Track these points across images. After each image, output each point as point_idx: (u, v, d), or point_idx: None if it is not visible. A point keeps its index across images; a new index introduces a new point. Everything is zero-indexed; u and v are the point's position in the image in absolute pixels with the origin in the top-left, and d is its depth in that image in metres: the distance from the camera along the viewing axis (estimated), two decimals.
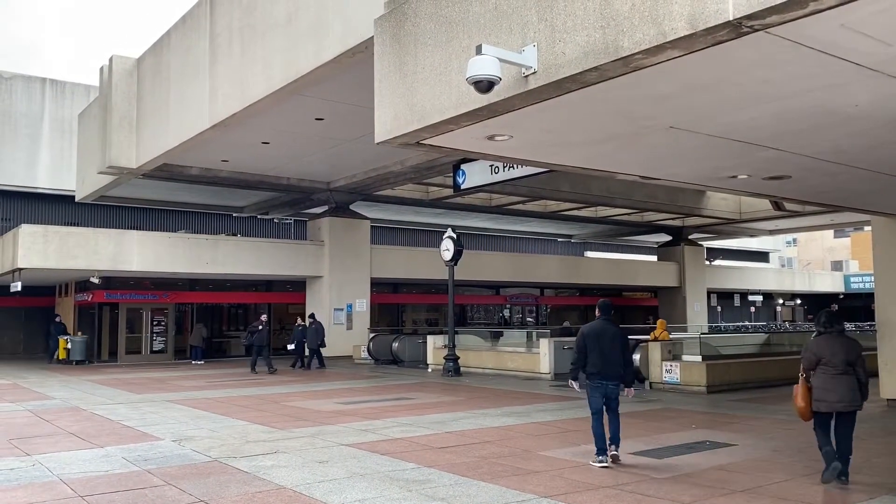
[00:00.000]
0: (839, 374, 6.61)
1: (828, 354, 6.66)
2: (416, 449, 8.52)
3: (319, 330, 21.61)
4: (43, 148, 29.96)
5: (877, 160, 7.66)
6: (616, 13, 4.78)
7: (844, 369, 6.60)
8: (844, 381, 6.58)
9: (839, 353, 6.64)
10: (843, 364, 6.61)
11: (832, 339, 6.76)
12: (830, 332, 6.81)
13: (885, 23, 4.20)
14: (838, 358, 6.62)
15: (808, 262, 62.30)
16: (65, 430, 10.14)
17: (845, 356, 6.63)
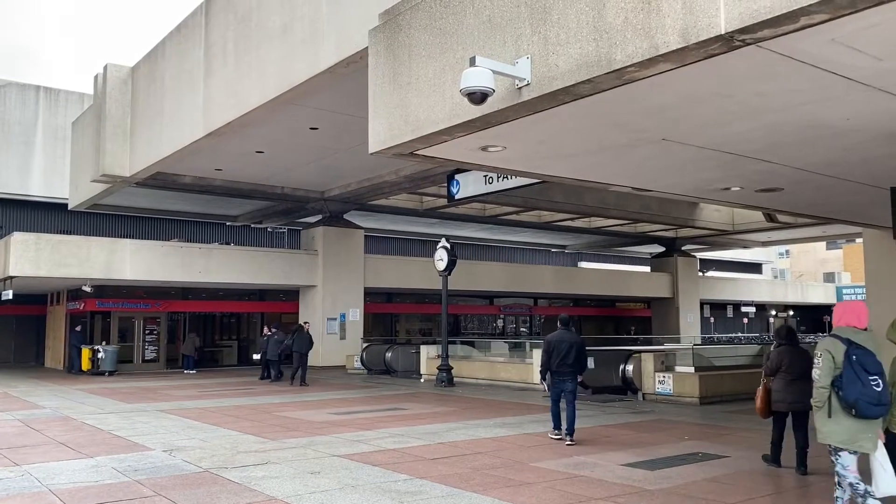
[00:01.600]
0: (795, 379, 7.54)
1: (787, 363, 7.64)
2: (408, 460, 8.48)
3: (282, 341, 20.91)
4: (36, 155, 29.88)
5: (868, 173, 7.71)
6: (609, 26, 4.80)
7: (799, 375, 7.39)
8: (799, 385, 7.38)
9: (796, 363, 7.59)
10: (799, 371, 7.47)
11: (791, 351, 7.73)
12: (789, 345, 7.79)
13: (875, 38, 4.23)
14: (795, 366, 7.55)
15: (801, 273, 62.53)
16: (54, 440, 10.06)
17: (801, 365, 7.46)
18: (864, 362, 4.98)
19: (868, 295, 12.98)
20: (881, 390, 4.95)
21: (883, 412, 5.05)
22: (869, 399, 4.93)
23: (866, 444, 5.07)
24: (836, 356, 5.07)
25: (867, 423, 5.04)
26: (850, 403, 4.97)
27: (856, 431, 5.06)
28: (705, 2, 4.28)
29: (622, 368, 15.47)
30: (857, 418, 5.01)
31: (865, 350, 5.03)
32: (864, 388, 4.93)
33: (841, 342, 5.10)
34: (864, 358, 5.00)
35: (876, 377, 4.97)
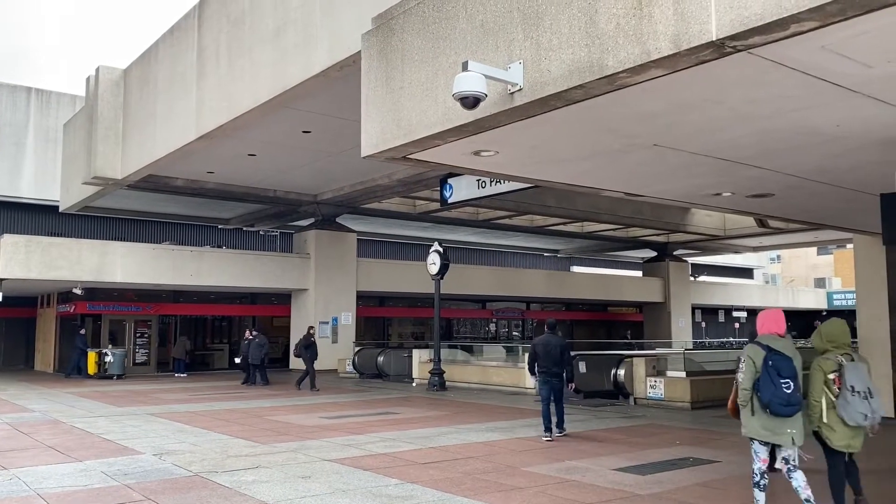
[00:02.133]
0: None
1: None
2: (399, 464, 8.46)
3: (263, 345, 20.72)
4: (27, 157, 29.74)
5: (858, 180, 7.75)
6: (601, 32, 4.82)
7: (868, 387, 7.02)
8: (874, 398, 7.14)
9: None
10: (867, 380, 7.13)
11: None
12: None
13: (864, 45, 4.26)
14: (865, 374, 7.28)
15: (792, 278, 62.79)
16: (43, 444, 10.00)
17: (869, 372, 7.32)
18: (778, 367, 5.50)
19: (858, 300, 13.04)
20: (791, 392, 5.48)
21: (793, 411, 5.54)
22: (780, 400, 5.48)
23: (785, 438, 5.62)
24: (756, 361, 5.60)
25: (782, 421, 5.59)
26: (764, 403, 5.54)
27: (774, 427, 5.63)
28: (697, 8, 4.30)
29: (614, 373, 15.49)
30: (774, 416, 5.56)
31: (782, 356, 5.55)
32: (776, 390, 5.48)
33: (761, 349, 5.63)
34: (780, 363, 5.51)
35: (787, 380, 5.49)
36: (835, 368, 5.70)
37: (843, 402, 5.58)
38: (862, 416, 5.57)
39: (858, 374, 5.66)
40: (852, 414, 5.55)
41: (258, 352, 20.35)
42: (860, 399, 5.57)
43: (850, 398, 5.57)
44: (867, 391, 5.62)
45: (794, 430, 5.62)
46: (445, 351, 20.78)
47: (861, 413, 5.56)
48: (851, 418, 5.56)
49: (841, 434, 5.69)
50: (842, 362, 5.70)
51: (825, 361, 5.77)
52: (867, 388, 5.64)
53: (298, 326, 26.27)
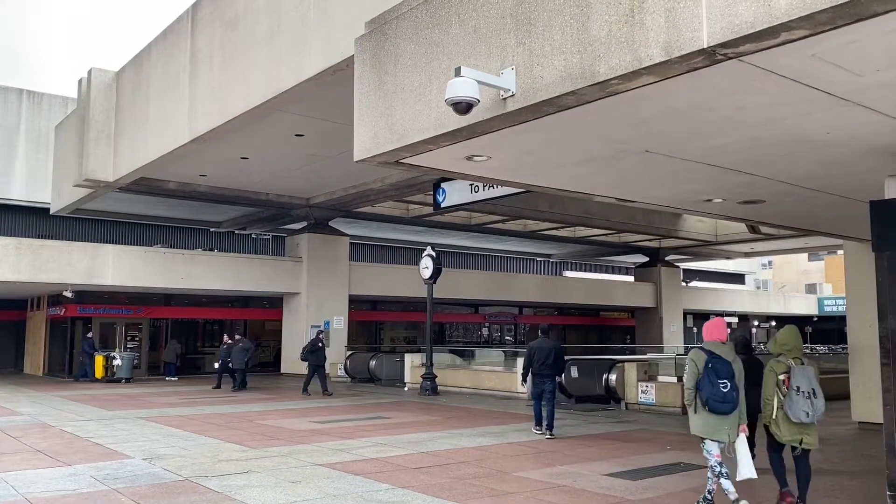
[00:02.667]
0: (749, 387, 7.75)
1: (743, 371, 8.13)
2: (390, 469, 8.45)
3: (248, 349, 20.41)
4: (18, 159, 29.60)
5: (849, 187, 7.79)
6: (593, 39, 4.84)
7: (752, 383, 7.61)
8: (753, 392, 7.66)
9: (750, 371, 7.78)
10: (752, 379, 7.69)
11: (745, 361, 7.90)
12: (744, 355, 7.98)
13: (855, 54, 4.29)
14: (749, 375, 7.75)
15: (783, 284, 63.03)
16: (32, 448, 9.93)
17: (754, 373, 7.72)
18: (717, 369, 6.25)
19: (848, 306, 13.11)
20: (727, 391, 6.19)
21: (728, 409, 6.23)
22: (717, 398, 6.20)
23: (722, 435, 6.28)
24: (698, 364, 6.34)
25: (722, 418, 6.25)
26: (703, 402, 6.25)
27: (714, 425, 6.30)
28: (688, 16, 4.32)
29: (605, 378, 15.51)
30: (713, 414, 6.25)
31: (722, 359, 6.31)
32: (714, 389, 6.20)
33: (704, 353, 6.37)
34: (719, 366, 6.26)
35: (724, 381, 6.22)
36: (785, 370, 6.37)
37: (789, 400, 6.28)
38: (804, 413, 6.25)
39: (805, 376, 6.31)
40: (796, 411, 6.25)
41: (241, 356, 20.03)
42: (804, 398, 6.24)
43: (794, 397, 6.25)
44: (811, 392, 6.27)
45: (729, 428, 6.27)
46: (438, 355, 20.76)
47: (803, 411, 6.24)
48: (795, 415, 6.26)
49: (786, 430, 6.39)
50: (791, 365, 6.37)
51: (777, 364, 6.47)
52: (812, 388, 6.28)
53: (291, 330, 26.22)
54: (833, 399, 16.24)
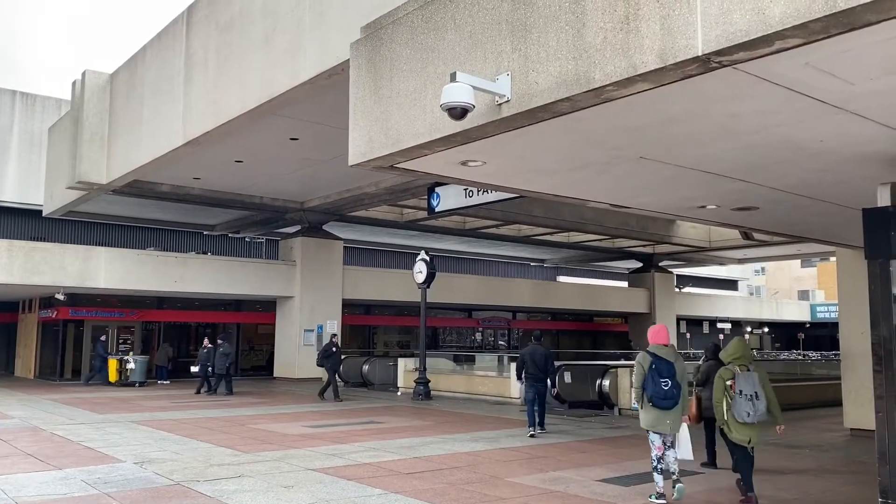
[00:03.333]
0: None
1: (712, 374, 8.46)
2: (383, 474, 8.42)
3: (229, 354, 19.97)
4: (11, 161, 29.48)
5: (842, 194, 7.83)
6: (588, 45, 4.85)
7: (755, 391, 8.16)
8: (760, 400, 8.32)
9: None
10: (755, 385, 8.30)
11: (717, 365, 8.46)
12: (714, 360, 8.88)
13: (848, 63, 4.31)
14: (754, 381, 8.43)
15: (776, 290, 63.25)
16: (22, 451, 9.87)
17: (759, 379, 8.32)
18: (659, 369, 7.12)
19: (841, 312, 13.16)
20: (668, 389, 7.08)
21: (669, 404, 7.12)
22: (659, 395, 7.09)
23: (664, 427, 7.21)
24: (644, 365, 7.20)
25: (664, 412, 7.16)
26: (648, 398, 7.16)
27: (657, 418, 7.21)
28: (683, 24, 4.33)
29: (599, 383, 15.51)
30: (656, 408, 7.15)
31: (664, 360, 7.18)
32: (656, 387, 7.09)
33: (649, 356, 7.24)
34: (661, 366, 7.14)
35: (666, 379, 7.09)
36: (731, 376, 7.12)
37: (735, 402, 7.02)
38: (746, 413, 6.97)
39: (748, 381, 7.07)
40: (739, 412, 6.97)
41: (223, 361, 19.68)
42: (746, 400, 6.99)
43: (738, 400, 7.00)
44: (754, 395, 7.03)
45: (671, 421, 7.21)
46: (431, 360, 20.74)
47: (745, 411, 6.97)
48: (738, 415, 6.98)
49: (736, 430, 7.09)
50: (736, 371, 7.13)
51: (725, 371, 7.22)
52: (754, 392, 7.04)
53: (284, 334, 26.17)
54: (825, 406, 16.35)
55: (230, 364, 20.09)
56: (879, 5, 3.58)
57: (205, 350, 20.67)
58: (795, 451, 10.76)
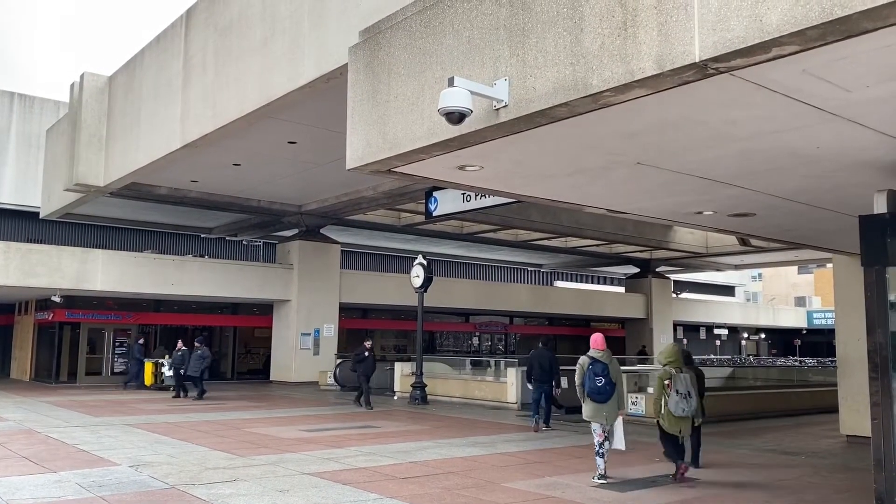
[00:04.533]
0: None
1: None
2: (378, 479, 8.41)
3: (205, 357, 19.76)
4: (8, 163, 29.45)
5: (838, 201, 7.85)
6: (586, 51, 4.86)
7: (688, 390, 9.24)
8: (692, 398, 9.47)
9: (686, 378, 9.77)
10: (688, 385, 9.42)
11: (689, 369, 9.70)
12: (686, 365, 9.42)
13: (844, 70, 4.33)
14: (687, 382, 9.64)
15: (773, 297, 63.33)
16: (17, 454, 9.84)
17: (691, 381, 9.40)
18: (595, 370, 8.52)
19: (837, 319, 13.17)
20: (601, 385, 8.46)
21: (604, 399, 8.49)
22: (594, 390, 8.49)
23: (601, 418, 8.55)
24: (584, 367, 8.65)
25: (600, 406, 8.53)
26: (587, 394, 8.55)
27: (595, 411, 8.57)
28: (680, 30, 4.35)
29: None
30: (593, 402, 8.54)
31: (599, 362, 8.58)
32: (592, 384, 8.50)
33: (587, 358, 8.64)
34: (596, 367, 8.55)
35: (600, 377, 8.48)
36: (668, 377, 8.44)
37: (671, 400, 8.34)
38: (681, 409, 8.36)
39: (682, 381, 8.43)
40: (674, 408, 8.34)
41: (198, 364, 19.48)
42: (681, 398, 8.35)
43: (674, 397, 8.33)
44: (687, 393, 8.40)
45: (607, 413, 8.55)
46: (428, 364, 20.71)
47: (680, 407, 8.35)
48: (674, 410, 8.34)
49: (670, 423, 8.48)
50: (672, 373, 8.45)
51: (663, 372, 8.55)
52: (687, 391, 8.41)
53: (280, 337, 26.13)
54: (822, 412, 16.37)
55: (205, 368, 19.73)
56: (876, 13, 3.60)
57: (179, 353, 20.25)
58: (792, 457, 10.76)
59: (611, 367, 8.57)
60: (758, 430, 13.84)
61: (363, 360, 18.08)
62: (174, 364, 20.19)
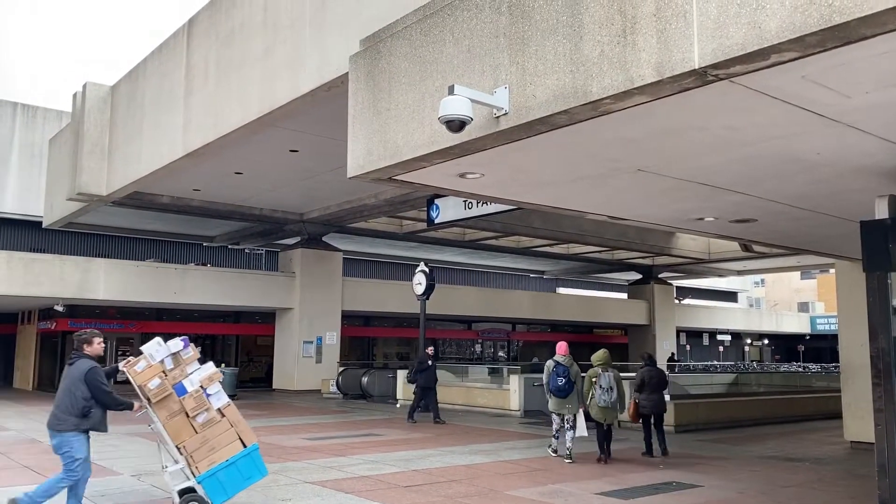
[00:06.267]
0: (654, 391, 11.38)
1: (647, 379, 11.42)
2: (381, 487, 8.39)
3: None
4: (11, 172, 29.53)
5: (839, 206, 7.84)
6: (585, 58, 4.87)
7: (656, 388, 11.40)
8: (657, 395, 11.40)
9: (654, 379, 11.48)
10: (656, 385, 11.42)
11: (650, 371, 11.54)
12: (650, 366, 11.62)
13: (843, 76, 4.34)
14: (654, 382, 11.42)
15: (776, 302, 63.18)
16: (18, 463, 9.83)
17: (658, 381, 11.50)
18: (557, 371, 10.58)
19: (840, 324, 13.14)
20: (562, 384, 10.49)
21: (563, 394, 10.53)
22: (555, 388, 10.56)
23: (564, 411, 10.68)
24: (549, 369, 10.70)
25: (562, 400, 10.61)
26: (550, 390, 10.61)
27: (558, 405, 10.68)
28: (680, 37, 4.36)
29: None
30: (555, 397, 10.61)
31: (562, 365, 10.62)
32: (554, 382, 10.56)
33: (553, 362, 10.71)
34: (558, 369, 10.59)
35: (561, 378, 10.51)
36: (595, 376, 10.59)
37: (597, 393, 10.46)
38: (604, 400, 10.42)
39: (606, 379, 10.53)
40: (598, 399, 10.44)
41: None
42: (604, 392, 10.44)
43: (598, 391, 10.46)
44: (609, 388, 10.47)
45: (569, 406, 10.61)
46: None
47: (603, 399, 10.42)
48: (598, 401, 10.44)
49: (596, 412, 10.54)
50: (599, 372, 10.59)
51: (592, 371, 10.67)
52: (609, 386, 10.48)
53: (283, 345, 26.12)
54: (826, 418, 16.30)
55: None
56: (874, 19, 3.60)
57: None
58: (796, 463, 10.71)
59: (571, 370, 10.59)
60: (761, 437, 13.79)
61: (426, 370, 16.40)
62: None
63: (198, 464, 6.47)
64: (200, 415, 6.62)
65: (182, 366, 6.81)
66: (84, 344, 6.79)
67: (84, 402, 6.45)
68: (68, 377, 6.58)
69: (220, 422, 6.74)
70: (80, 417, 6.43)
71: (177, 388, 6.66)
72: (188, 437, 6.53)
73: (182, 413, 6.62)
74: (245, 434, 6.83)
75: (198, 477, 6.43)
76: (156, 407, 6.62)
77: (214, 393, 6.80)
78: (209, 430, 6.62)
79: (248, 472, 6.68)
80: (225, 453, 6.58)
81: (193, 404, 6.63)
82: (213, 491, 6.44)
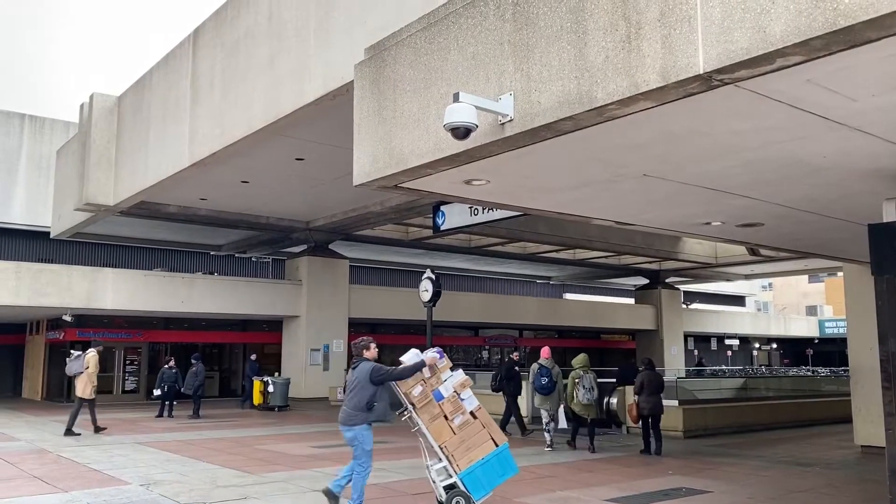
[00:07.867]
0: (652, 393, 12.27)
1: (646, 382, 12.33)
2: (389, 495, 8.37)
3: (199, 373, 19.29)
4: (19, 183, 29.69)
5: (847, 209, 7.81)
6: (590, 64, 4.88)
7: (654, 391, 12.31)
8: (655, 397, 12.29)
9: (653, 382, 12.39)
10: (654, 388, 12.33)
11: (649, 374, 12.51)
12: (648, 370, 12.61)
13: (849, 79, 4.33)
14: (652, 384, 12.34)
15: (784, 306, 62.92)
16: (28, 474, 9.85)
17: (656, 383, 12.43)
18: (541, 372, 12.46)
19: (849, 328, 13.08)
20: (545, 383, 12.40)
21: (546, 392, 12.49)
22: (539, 385, 12.48)
23: (547, 406, 12.57)
24: (534, 371, 12.61)
25: (545, 397, 12.53)
26: (535, 388, 12.59)
27: (542, 400, 12.61)
28: (684, 42, 4.36)
29: (606, 401, 15.39)
30: (539, 394, 12.57)
31: (545, 367, 12.53)
32: (538, 382, 12.49)
33: (537, 365, 12.59)
34: (542, 370, 12.48)
35: (545, 378, 12.41)
36: (577, 377, 12.12)
37: (580, 392, 11.97)
38: (585, 398, 12.00)
39: (588, 380, 12.12)
40: (580, 398, 11.98)
41: (192, 381, 19.04)
42: (585, 391, 12.01)
43: (580, 391, 11.98)
44: (589, 388, 12.07)
45: (551, 403, 12.57)
46: None
47: (587, 397, 12.02)
48: (582, 399, 11.98)
49: (578, 408, 12.19)
50: (581, 374, 12.15)
51: (574, 373, 12.22)
52: (591, 386, 12.10)
53: (290, 353, 26.13)
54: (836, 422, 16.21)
55: (199, 385, 19.25)
56: (879, 22, 3.60)
57: (173, 370, 19.54)
58: (806, 468, 10.65)
59: (553, 371, 12.58)
60: (771, 441, 13.72)
61: (514, 377, 15.10)
62: (164, 382, 19.45)
63: (458, 462, 7.12)
64: (457, 417, 7.27)
65: (438, 374, 7.48)
66: (364, 349, 7.92)
67: (369, 398, 7.50)
68: (356, 378, 7.61)
69: (474, 423, 7.32)
70: (366, 412, 7.45)
71: (434, 394, 7.34)
72: (448, 437, 7.18)
73: (441, 416, 7.28)
74: (496, 434, 7.41)
75: (459, 474, 7.08)
76: (419, 412, 7.29)
77: (467, 398, 7.43)
78: (465, 430, 7.26)
79: (501, 469, 7.29)
80: (480, 452, 7.18)
81: (451, 408, 7.28)
82: (473, 486, 7.08)
